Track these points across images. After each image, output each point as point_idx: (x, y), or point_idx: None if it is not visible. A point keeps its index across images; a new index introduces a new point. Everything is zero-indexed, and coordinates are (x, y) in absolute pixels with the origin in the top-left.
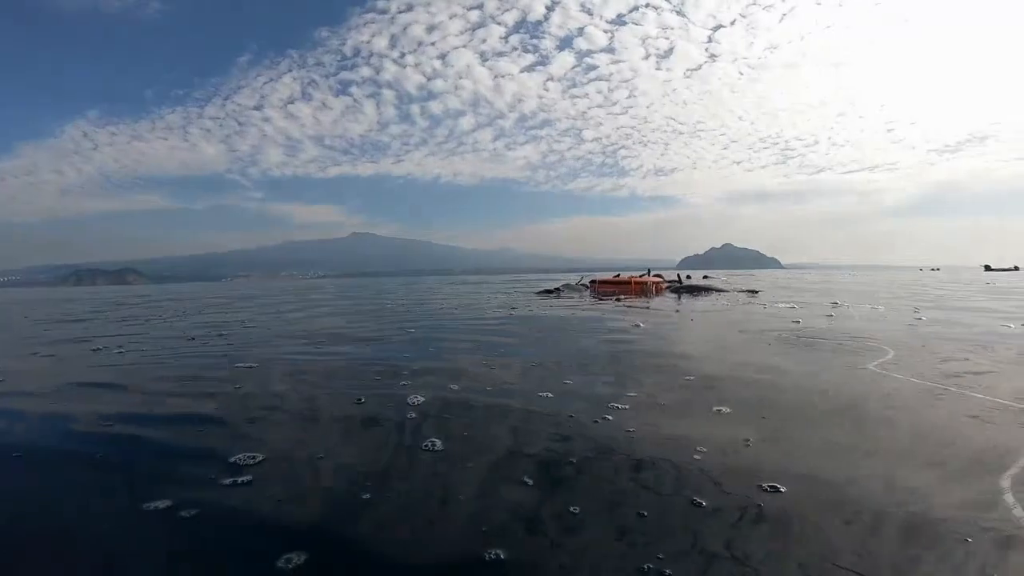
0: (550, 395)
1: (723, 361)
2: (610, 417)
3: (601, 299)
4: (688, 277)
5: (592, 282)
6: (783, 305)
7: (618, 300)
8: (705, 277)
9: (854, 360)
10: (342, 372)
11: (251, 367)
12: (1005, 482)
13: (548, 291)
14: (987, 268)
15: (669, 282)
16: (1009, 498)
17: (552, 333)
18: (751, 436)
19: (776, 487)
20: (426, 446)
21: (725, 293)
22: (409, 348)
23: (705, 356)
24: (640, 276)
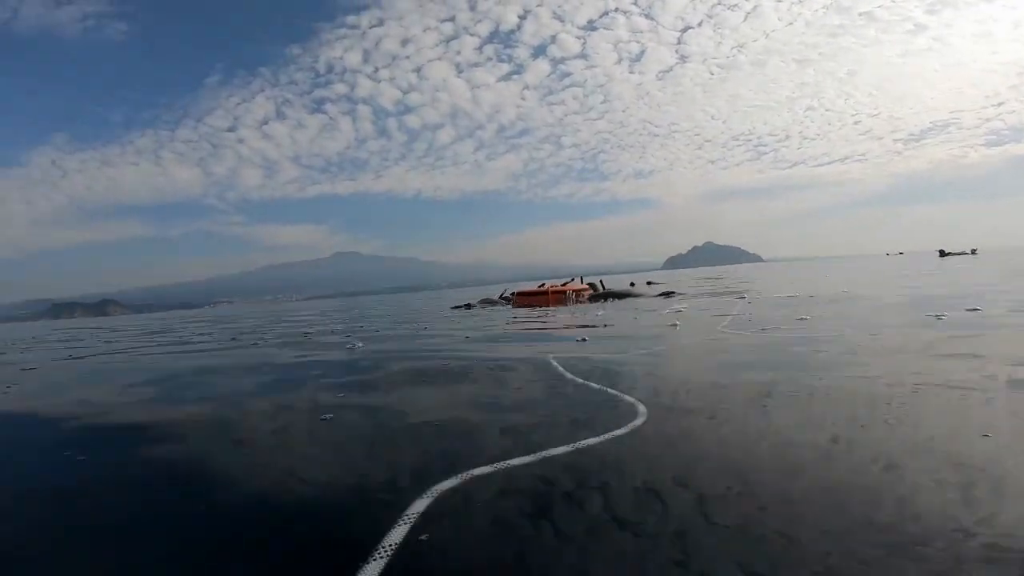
0: None
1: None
2: None
3: (514, 310)
4: (633, 284)
5: (512, 294)
6: (673, 309)
7: (512, 308)
8: (649, 283)
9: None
10: None
11: None
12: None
13: (458, 306)
14: (942, 253)
15: (591, 286)
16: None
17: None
18: None
19: None
20: None
21: (642, 298)
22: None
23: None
24: (563, 284)
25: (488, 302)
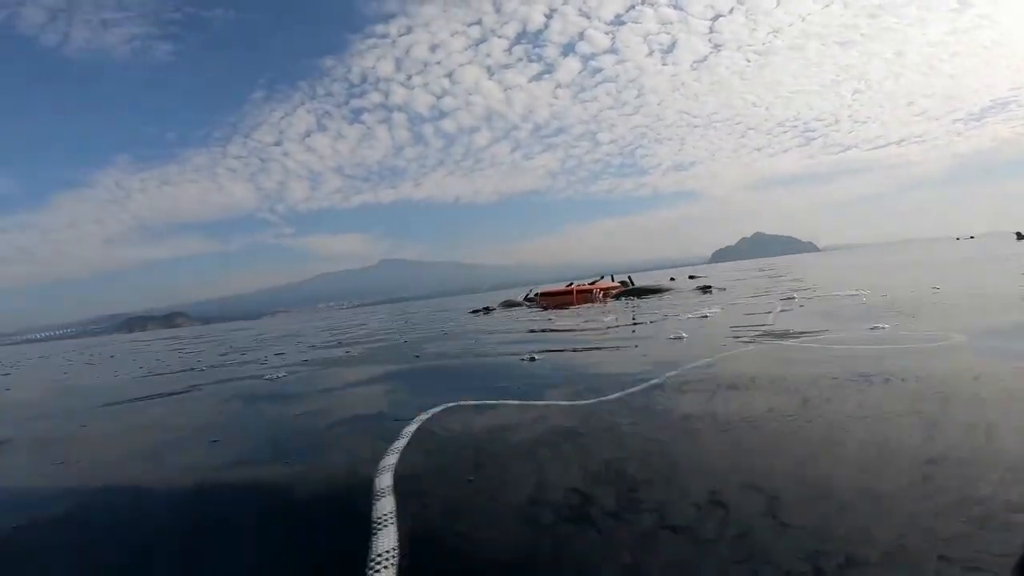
0: None
1: None
2: None
3: (545, 310)
4: (673, 279)
5: (537, 295)
6: (699, 314)
7: (544, 310)
8: (691, 277)
9: None
10: None
11: None
12: None
13: (476, 311)
14: (1020, 236)
15: (622, 283)
16: None
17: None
18: None
19: None
20: None
21: (675, 294)
22: None
23: None
24: (591, 283)
25: (510, 304)
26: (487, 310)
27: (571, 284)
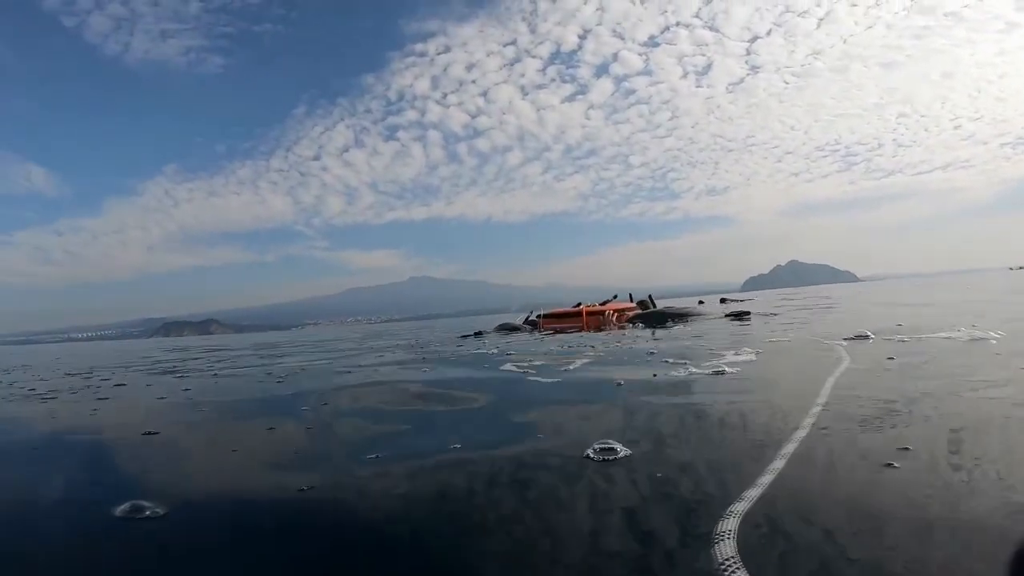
0: None
1: None
2: None
3: (543, 334)
4: (702, 302)
5: (539, 316)
6: (728, 361)
7: (554, 334)
8: (723, 300)
9: None
10: None
11: None
12: None
13: (466, 335)
14: None
15: (641, 304)
16: None
17: None
18: None
19: None
20: None
21: (701, 321)
22: None
23: None
24: (603, 303)
25: (507, 328)
26: (479, 335)
27: (580, 304)
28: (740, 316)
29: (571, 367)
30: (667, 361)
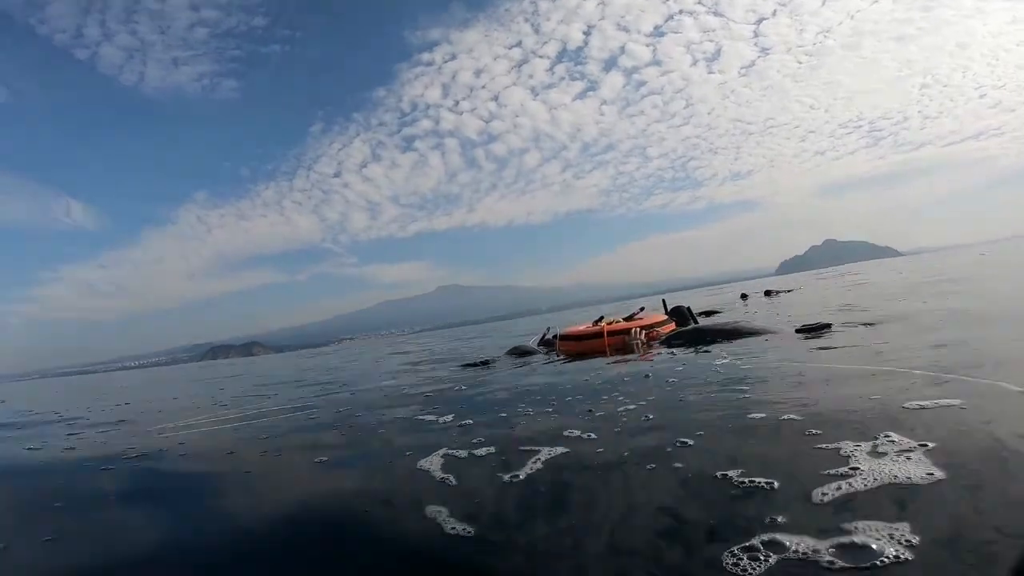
0: None
1: None
2: None
3: (560, 359)
4: (745, 296)
5: (555, 336)
6: (924, 402)
7: (568, 360)
8: (768, 293)
9: None
10: None
11: None
12: None
13: (471, 364)
14: None
15: (674, 314)
16: None
17: None
18: None
19: None
20: None
21: (759, 340)
22: None
23: None
24: (628, 318)
25: (522, 352)
26: (485, 364)
27: (599, 321)
28: (817, 331)
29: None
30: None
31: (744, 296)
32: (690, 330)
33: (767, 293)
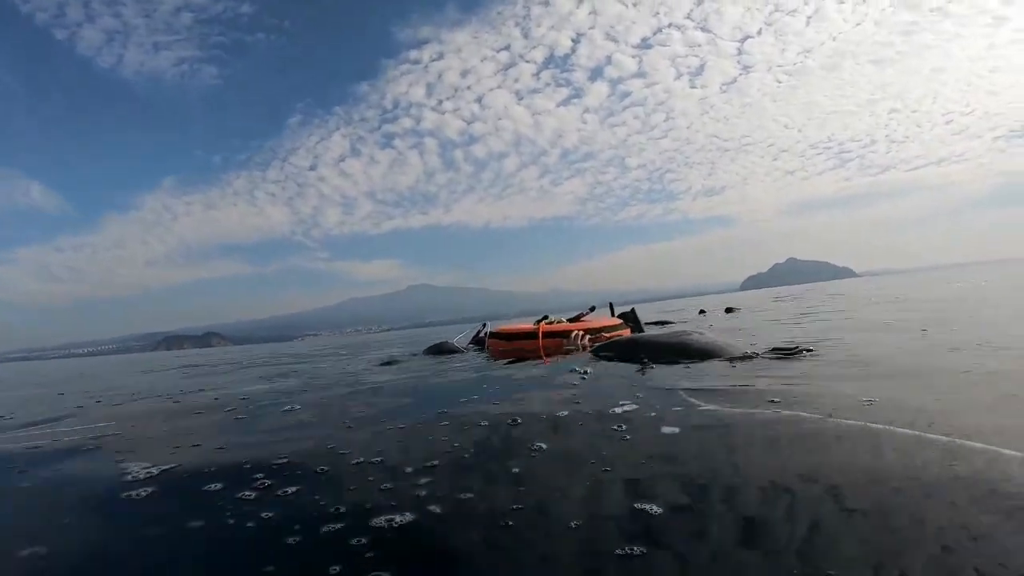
0: None
1: None
2: None
3: (489, 359)
4: (705, 313)
5: (487, 334)
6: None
7: (495, 359)
8: (728, 311)
9: None
10: None
11: None
12: None
13: (388, 363)
14: None
15: (625, 319)
16: None
17: None
18: None
19: None
20: None
21: (720, 364)
22: None
23: None
24: (573, 319)
25: (439, 350)
26: (389, 364)
27: (542, 321)
28: (789, 354)
29: None
30: None
31: (703, 312)
32: (625, 341)
33: (728, 310)
